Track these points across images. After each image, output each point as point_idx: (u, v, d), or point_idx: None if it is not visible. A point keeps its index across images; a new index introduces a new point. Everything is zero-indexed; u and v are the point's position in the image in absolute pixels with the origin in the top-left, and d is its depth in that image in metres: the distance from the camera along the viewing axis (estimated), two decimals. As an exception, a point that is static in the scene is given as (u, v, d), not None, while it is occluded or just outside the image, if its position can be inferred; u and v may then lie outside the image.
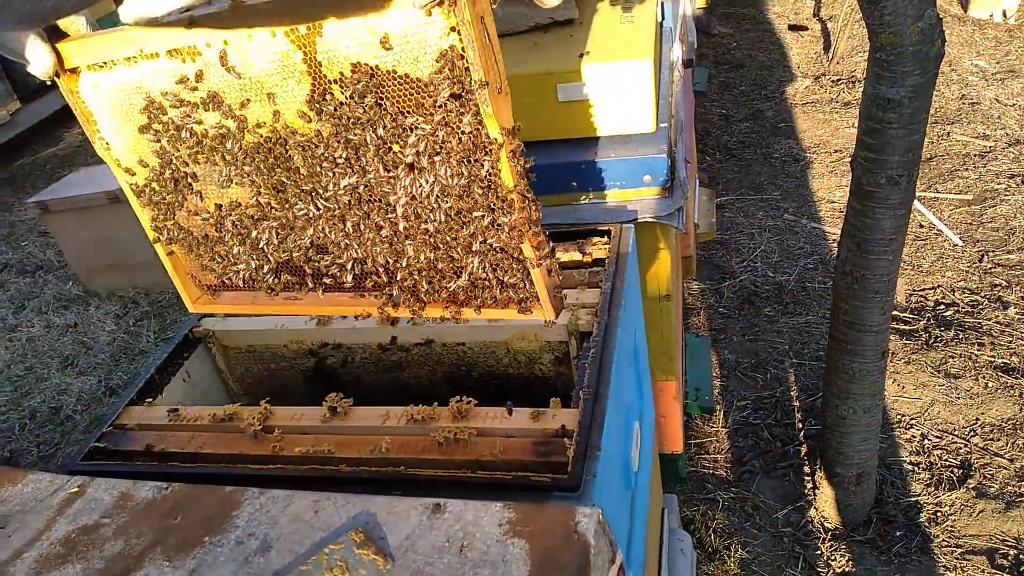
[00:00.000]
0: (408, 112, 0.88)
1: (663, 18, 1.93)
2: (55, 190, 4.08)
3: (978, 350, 2.78)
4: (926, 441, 2.48)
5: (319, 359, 1.34)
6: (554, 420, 1.00)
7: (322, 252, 1.05)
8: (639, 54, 1.46)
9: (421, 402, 1.07)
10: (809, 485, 2.39)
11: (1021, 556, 2.12)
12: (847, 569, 2.16)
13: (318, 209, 1.00)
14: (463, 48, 0.79)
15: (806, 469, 2.44)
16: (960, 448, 2.45)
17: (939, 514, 2.26)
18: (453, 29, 0.79)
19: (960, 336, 2.85)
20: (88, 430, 3.27)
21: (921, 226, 3.47)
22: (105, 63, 0.96)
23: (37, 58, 0.91)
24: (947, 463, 2.41)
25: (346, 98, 0.89)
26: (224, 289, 1.14)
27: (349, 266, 1.04)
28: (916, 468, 2.40)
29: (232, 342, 1.33)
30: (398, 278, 1.03)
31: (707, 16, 5.61)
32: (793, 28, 4.13)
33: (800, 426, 2.58)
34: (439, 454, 0.98)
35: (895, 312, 2.91)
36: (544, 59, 1.52)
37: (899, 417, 2.57)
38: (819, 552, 2.21)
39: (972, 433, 2.49)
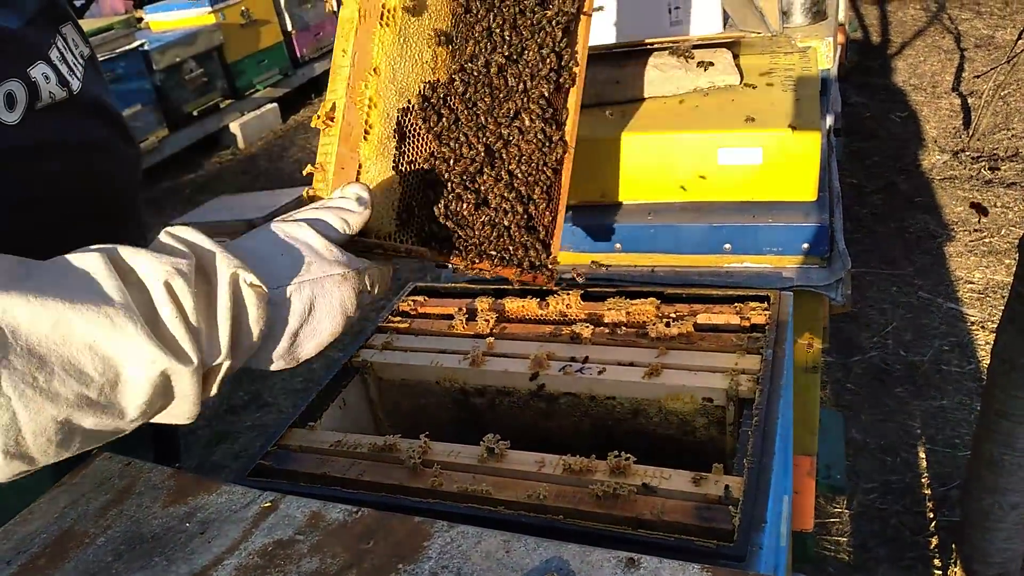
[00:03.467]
0: None
1: (821, 86, 1.91)
2: (197, 215, 4.36)
3: None
4: (1075, 548, 2.29)
5: (467, 398, 1.37)
6: (716, 486, 0.98)
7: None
8: (808, 123, 1.45)
9: (562, 452, 1.07)
10: (941, 581, 2.25)
11: None
12: None
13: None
14: None
15: (937, 563, 2.30)
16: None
17: (1089, 631, 2.08)
18: None
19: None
20: (208, 446, 3.42)
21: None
22: None
23: None
24: (1099, 575, 2.22)
25: None
26: None
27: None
28: (1063, 577, 2.22)
29: (387, 374, 1.38)
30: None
31: (841, 85, 5.53)
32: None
33: (932, 516, 2.43)
34: (596, 507, 0.98)
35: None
36: (707, 122, 1.53)
37: (1044, 519, 2.40)
38: (951, 656, 2.07)
39: None
